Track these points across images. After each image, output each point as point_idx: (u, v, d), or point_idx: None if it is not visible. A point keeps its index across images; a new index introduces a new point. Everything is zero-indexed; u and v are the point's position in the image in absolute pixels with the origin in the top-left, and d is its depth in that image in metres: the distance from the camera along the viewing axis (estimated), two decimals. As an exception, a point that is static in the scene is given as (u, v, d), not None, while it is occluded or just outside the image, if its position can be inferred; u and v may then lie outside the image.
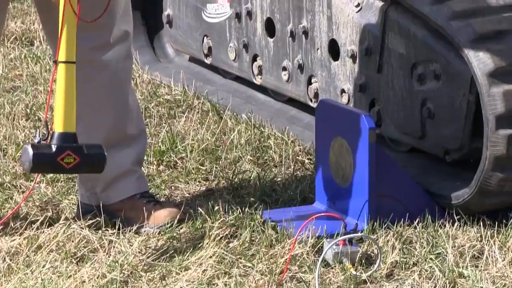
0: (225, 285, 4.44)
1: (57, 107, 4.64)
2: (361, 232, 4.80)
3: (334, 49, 5.54)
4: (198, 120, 6.00)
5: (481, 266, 4.56)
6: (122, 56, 5.09)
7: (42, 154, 4.60)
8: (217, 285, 4.44)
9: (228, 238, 4.80)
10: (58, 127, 4.63)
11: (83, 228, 4.82)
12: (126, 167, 5.08)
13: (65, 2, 4.59)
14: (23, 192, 5.26)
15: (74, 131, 4.66)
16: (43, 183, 5.32)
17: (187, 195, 5.29)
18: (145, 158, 5.43)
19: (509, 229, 4.78)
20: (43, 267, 4.54)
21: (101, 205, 4.96)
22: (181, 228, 4.87)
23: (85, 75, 4.91)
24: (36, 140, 4.66)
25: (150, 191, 5.19)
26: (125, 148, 5.10)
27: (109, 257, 4.63)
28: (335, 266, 4.56)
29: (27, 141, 5.77)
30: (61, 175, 5.41)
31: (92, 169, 4.78)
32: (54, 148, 4.59)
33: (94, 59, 4.99)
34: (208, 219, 4.90)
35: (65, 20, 4.62)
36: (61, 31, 4.64)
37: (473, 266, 4.56)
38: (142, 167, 5.28)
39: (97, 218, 4.92)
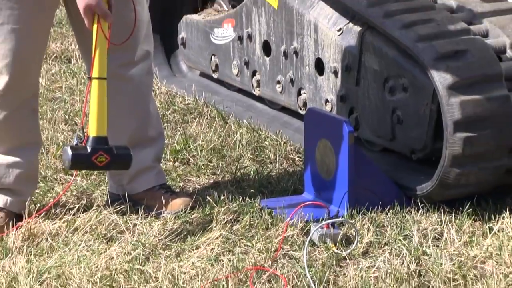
0: (229, 261, 4.43)
1: (91, 115, 4.67)
2: (342, 217, 4.82)
3: (319, 66, 5.53)
4: (207, 125, 6.00)
5: (441, 246, 4.56)
6: (144, 72, 5.09)
7: (79, 154, 4.63)
8: (223, 261, 4.44)
9: (232, 222, 4.80)
10: (92, 132, 4.65)
11: (111, 214, 4.85)
12: (147, 163, 5.08)
13: (97, 29, 4.62)
14: (62, 184, 5.29)
15: (105, 135, 4.68)
16: (79, 177, 5.32)
17: (198, 186, 5.31)
18: (163, 156, 5.43)
19: (465, 215, 4.78)
20: (78, 245, 4.56)
21: (126, 194, 4.97)
22: (193, 214, 4.88)
23: (113, 87, 4.91)
24: (74, 143, 4.68)
25: (167, 183, 5.19)
26: (146, 147, 5.11)
27: (133, 237, 4.66)
28: (320, 245, 4.56)
29: (66, 142, 5.79)
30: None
31: (121, 167, 4.84)
32: (89, 149, 4.63)
33: (121, 74, 4.99)
34: (215, 206, 4.91)
35: (98, 43, 4.65)
36: (94, 52, 4.66)
37: (434, 246, 4.56)
38: (161, 164, 5.26)
39: (123, 206, 4.94)
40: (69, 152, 4.65)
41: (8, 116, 4.86)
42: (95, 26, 4.62)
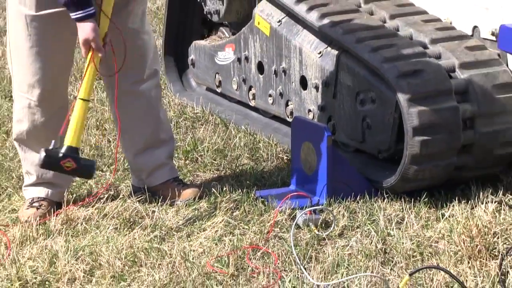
0: (230, 241, 4.45)
1: (70, 128, 4.61)
2: (321, 205, 4.81)
3: (303, 82, 5.50)
4: (212, 130, 5.96)
5: (403, 229, 4.57)
6: (153, 87, 5.11)
7: (51, 156, 4.57)
8: (225, 241, 4.46)
9: (232, 210, 4.81)
10: (67, 141, 4.60)
11: (134, 203, 4.84)
12: (161, 161, 5.09)
13: (90, 59, 4.60)
14: (94, 178, 5.21)
15: (78, 146, 4.65)
16: (108, 172, 5.32)
17: (204, 180, 5.30)
18: (176, 155, 5.43)
19: (422, 204, 4.79)
20: (107, 228, 4.59)
21: (146, 187, 4.98)
22: (200, 202, 4.88)
23: (128, 101, 5.00)
24: (50, 147, 4.61)
25: (179, 177, 5.18)
26: (160, 148, 5.11)
27: (152, 222, 4.66)
28: (304, 228, 4.58)
29: (97, 144, 5.79)
30: (121, 167, 5.40)
31: (84, 175, 4.84)
32: (60, 154, 4.56)
33: (133, 90, 5.01)
34: (219, 196, 4.91)
35: (88, 70, 4.63)
36: (83, 76, 4.67)
37: (397, 229, 4.56)
38: (173, 161, 5.25)
39: (144, 196, 4.93)
40: (43, 153, 4.59)
41: (45, 122, 4.86)
42: (89, 55, 4.60)
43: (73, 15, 4.54)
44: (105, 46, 4.65)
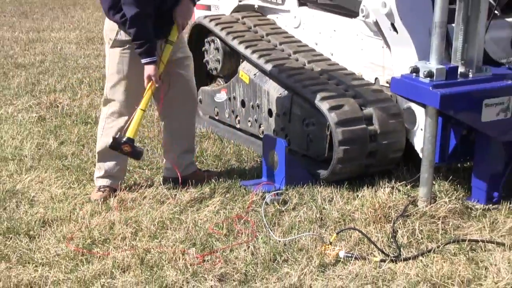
0: (224, 213, 4.47)
1: (131, 125, 4.60)
2: (281, 190, 4.79)
3: (270, 113, 5.45)
4: (212, 143, 5.84)
5: (332, 204, 4.58)
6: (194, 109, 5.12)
7: (116, 141, 4.57)
8: (220, 213, 4.47)
9: (225, 193, 4.77)
10: (127, 133, 4.59)
11: (163, 189, 4.79)
12: (191, 160, 5.03)
13: (149, 87, 4.58)
14: (137, 174, 5.16)
15: (134, 137, 4.62)
16: (146, 169, 5.26)
17: (208, 175, 5.14)
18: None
19: (344, 188, 4.77)
20: (146, 206, 4.57)
21: (180, 176, 4.85)
22: (205, 188, 4.81)
23: (189, 115, 5.00)
24: (117, 136, 4.62)
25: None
26: (192, 153, 5.10)
27: (174, 201, 4.63)
28: (270, 205, 4.56)
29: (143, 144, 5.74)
30: (155, 166, 5.31)
31: (134, 157, 4.76)
32: (122, 140, 4.56)
33: (185, 111, 4.98)
34: (216, 185, 4.86)
35: (147, 93, 4.60)
36: (144, 95, 4.61)
37: (329, 204, 4.58)
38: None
39: (170, 184, 4.88)
40: (111, 139, 4.62)
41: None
42: (149, 85, 4.58)
43: (143, 61, 4.52)
44: (159, 82, 4.63)
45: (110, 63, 4.72)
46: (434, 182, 4.64)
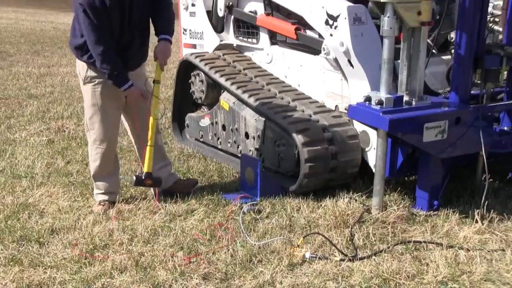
0: (207, 221, 4.45)
1: (146, 162, 4.64)
2: (257, 201, 4.78)
3: (247, 135, 5.44)
4: (197, 161, 5.82)
5: (300, 212, 4.57)
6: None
7: (138, 179, 4.66)
8: (204, 221, 4.45)
9: (209, 204, 4.75)
10: (145, 169, 4.63)
11: (155, 201, 4.73)
12: (169, 173, 4.98)
13: (152, 126, 4.59)
14: (133, 189, 5.07)
15: (151, 171, 4.67)
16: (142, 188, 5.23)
17: (193, 189, 5.07)
18: (180, 175, 5.21)
19: (310, 199, 4.76)
20: (139, 215, 4.54)
21: (166, 188, 4.88)
22: (191, 200, 4.78)
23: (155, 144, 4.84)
24: (138, 174, 4.72)
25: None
26: (167, 167, 5.00)
27: (164, 211, 4.60)
28: (247, 214, 4.55)
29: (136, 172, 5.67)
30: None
31: (156, 186, 4.78)
32: (143, 177, 4.64)
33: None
34: (201, 196, 4.85)
35: (151, 124, 4.60)
36: (149, 129, 4.60)
37: (297, 213, 4.57)
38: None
39: (161, 198, 4.87)
40: (134, 178, 4.70)
41: (109, 159, 4.77)
42: (151, 121, 4.56)
43: (122, 88, 4.43)
44: (148, 95, 4.57)
45: (85, 97, 4.61)
46: (385, 193, 4.65)
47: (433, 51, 4.86)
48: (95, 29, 4.22)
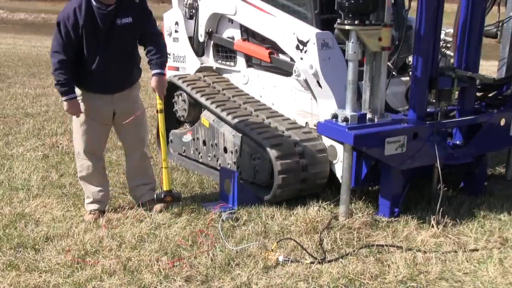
0: (189, 228, 4.42)
1: (164, 181, 4.67)
2: (234, 209, 4.76)
3: (225, 150, 5.41)
4: (180, 173, 5.79)
5: (274, 220, 4.56)
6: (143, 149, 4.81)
7: (158, 197, 4.69)
8: (187, 228, 4.42)
9: (191, 212, 4.70)
10: (164, 187, 4.66)
11: (143, 211, 4.71)
12: (143, 192, 4.84)
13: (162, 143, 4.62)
14: (120, 199, 5.07)
15: (170, 189, 4.70)
16: (128, 195, 5.09)
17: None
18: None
19: (283, 207, 4.75)
20: (127, 223, 4.51)
21: (141, 203, 4.78)
22: (174, 209, 4.74)
23: (139, 159, 4.82)
24: (158, 192, 4.74)
25: (154, 198, 4.85)
26: (149, 184, 4.89)
27: (150, 219, 4.56)
28: (226, 221, 4.54)
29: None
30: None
31: (176, 202, 4.75)
32: (163, 196, 4.68)
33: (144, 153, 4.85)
34: (184, 206, 4.79)
35: (163, 147, 4.61)
36: (161, 149, 4.60)
37: (271, 220, 4.56)
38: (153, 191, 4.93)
39: (145, 207, 4.80)
40: (155, 196, 4.72)
41: (95, 171, 4.70)
42: (162, 143, 4.59)
43: (63, 98, 4.32)
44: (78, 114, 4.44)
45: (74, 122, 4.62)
46: (351, 201, 4.66)
47: (393, 73, 4.89)
48: (59, 41, 4.22)
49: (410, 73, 4.78)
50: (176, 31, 6.53)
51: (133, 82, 4.63)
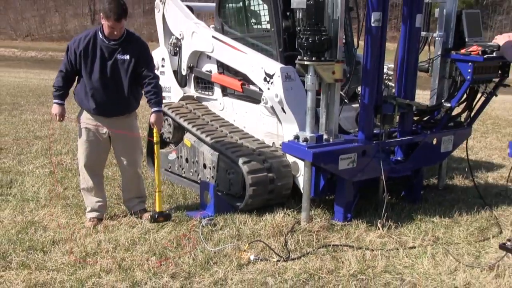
0: (174, 233, 4.38)
1: (156, 204, 4.59)
2: (212, 216, 4.71)
3: (205, 165, 5.35)
4: (167, 187, 5.70)
5: (246, 225, 4.54)
6: (136, 169, 4.71)
7: (152, 218, 4.58)
8: (172, 233, 4.38)
9: (175, 219, 4.66)
10: (157, 209, 4.58)
11: (135, 218, 4.68)
12: (134, 204, 4.80)
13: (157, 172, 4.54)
14: (116, 208, 5.00)
15: (162, 210, 4.61)
16: (122, 205, 5.01)
17: (165, 208, 5.02)
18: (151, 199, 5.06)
19: (254, 215, 4.73)
20: (122, 229, 4.45)
21: (133, 212, 4.74)
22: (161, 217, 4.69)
23: (133, 177, 4.77)
24: (151, 214, 4.62)
25: (146, 209, 4.86)
26: (137, 199, 4.84)
27: (141, 226, 4.53)
28: (205, 227, 4.50)
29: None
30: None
31: (167, 220, 4.60)
32: (156, 216, 4.56)
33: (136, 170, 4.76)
34: (171, 215, 4.72)
35: (157, 172, 4.55)
36: (156, 174, 4.54)
37: (244, 225, 4.54)
38: (144, 203, 4.89)
39: (137, 215, 4.77)
40: (149, 217, 4.60)
41: (94, 184, 4.65)
42: (156, 170, 4.56)
43: (54, 101, 4.39)
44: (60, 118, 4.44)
45: (78, 131, 4.60)
46: (311, 209, 4.64)
47: (345, 101, 4.94)
48: (65, 60, 4.38)
49: (359, 100, 4.83)
50: (162, 66, 6.51)
51: (129, 111, 4.54)
